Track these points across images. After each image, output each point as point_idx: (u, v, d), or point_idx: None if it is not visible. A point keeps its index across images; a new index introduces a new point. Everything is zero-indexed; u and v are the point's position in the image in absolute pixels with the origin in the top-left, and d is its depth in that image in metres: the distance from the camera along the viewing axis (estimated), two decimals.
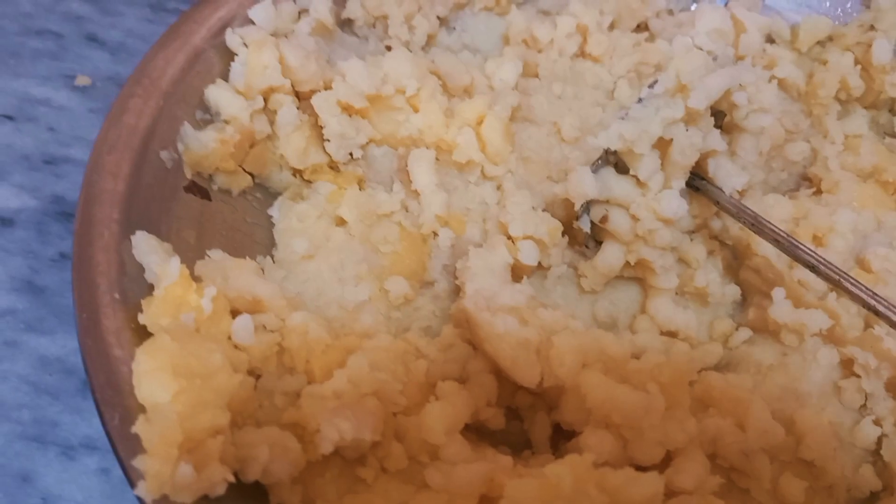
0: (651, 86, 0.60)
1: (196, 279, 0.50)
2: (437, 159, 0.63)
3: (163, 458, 0.38)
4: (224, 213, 0.60)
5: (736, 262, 0.64)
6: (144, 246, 0.49)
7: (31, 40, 0.82)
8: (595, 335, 0.54)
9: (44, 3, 0.85)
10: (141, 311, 0.46)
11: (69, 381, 0.62)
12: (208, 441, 0.40)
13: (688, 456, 0.49)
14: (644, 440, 0.49)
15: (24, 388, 0.61)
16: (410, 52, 0.71)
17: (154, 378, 0.41)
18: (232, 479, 0.40)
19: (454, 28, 0.75)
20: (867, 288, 0.54)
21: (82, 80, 0.79)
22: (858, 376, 0.57)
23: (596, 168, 0.60)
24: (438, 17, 0.73)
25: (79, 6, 0.85)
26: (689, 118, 0.58)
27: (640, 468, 0.49)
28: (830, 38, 0.76)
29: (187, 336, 0.44)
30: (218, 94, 0.60)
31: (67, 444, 0.59)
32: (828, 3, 0.80)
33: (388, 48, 0.71)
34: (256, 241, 0.61)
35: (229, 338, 0.47)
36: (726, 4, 0.79)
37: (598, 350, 0.52)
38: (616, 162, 0.60)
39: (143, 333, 0.45)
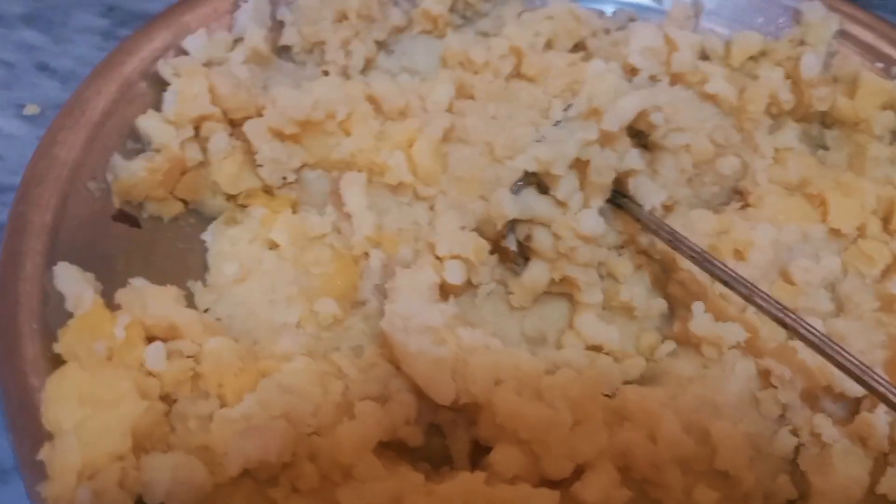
0: (566, 109, 0.61)
1: (115, 307, 0.52)
2: (369, 181, 0.65)
3: (63, 483, 0.40)
4: (154, 239, 0.61)
5: (664, 275, 0.66)
6: (65, 276, 0.51)
7: None
8: (510, 353, 0.55)
9: None
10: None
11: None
12: (108, 467, 0.41)
13: (597, 469, 0.51)
14: (552, 455, 0.50)
15: None
16: (349, 76, 0.73)
17: (60, 406, 0.43)
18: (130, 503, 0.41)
19: (393, 51, 0.77)
20: (776, 302, 0.55)
21: (31, 109, 0.80)
22: (775, 387, 0.59)
23: (517, 189, 0.62)
24: (377, 41, 0.75)
25: (32, 35, 0.87)
26: (604, 139, 0.60)
27: (552, 482, 0.50)
28: (763, 53, 0.78)
29: (97, 364, 0.46)
30: (148, 124, 0.62)
31: (1, 469, 0.59)
32: (761, 19, 0.81)
33: (326, 73, 0.73)
34: (189, 266, 0.62)
35: (142, 364, 0.49)
36: (662, 23, 0.80)
37: (513, 367, 0.54)
38: (538, 182, 0.62)
39: (59, 362, 0.47)
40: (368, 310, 0.63)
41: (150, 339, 0.51)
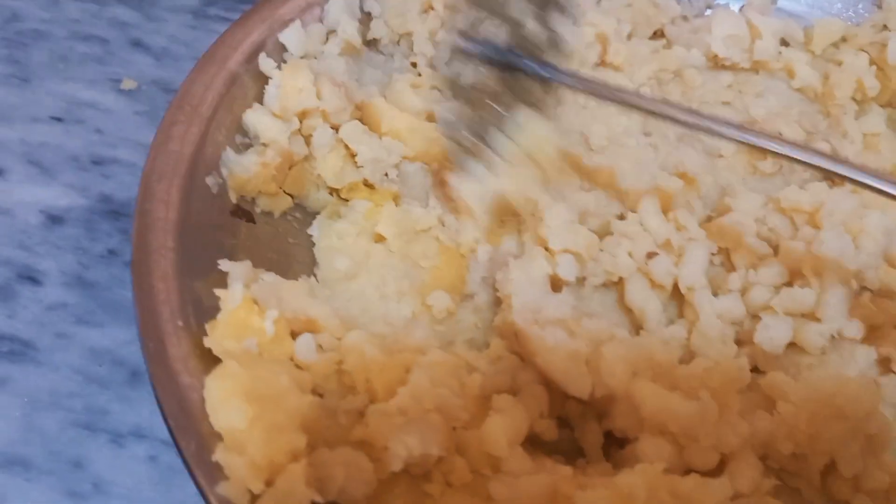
0: None
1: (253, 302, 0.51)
2: None
3: (247, 484, 0.39)
4: (268, 234, 0.61)
5: None
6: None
7: (78, 45, 0.85)
8: (642, 342, 0.55)
9: (90, 10, 0.88)
10: (205, 335, 0.47)
11: (118, 372, 0.64)
12: (290, 465, 0.40)
13: (742, 459, 0.50)
14: (699, 446, 0.49)
15: (76, 377, 0.63)
16: (435, 67, 0.73)
17: (227, 405, 0.42)
18: (320, 500, 0.41)
19: None
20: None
21: (128, 84, 0.82)
22: None
23: None
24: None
25: (124, 12, 0.89)
26: None
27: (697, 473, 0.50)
28: (844, 39, 0.78)
29: (253, 360, 0.45)
30: (256, 118, 0.61)
31: (117, 432, 0.61)
32: (839, 5, 0.81)
33: (414, 64, 0.72)
34: (299, 261, 0.62)
35: (291, 359, 0.48)
36: (741, 9, 0.80)
37: (647, 357, 0.53)
38: None
39: (209, 359, 0.46)
40: (477, 302, 0.62)
41: (292, 334, 0.50)
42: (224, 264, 0.52)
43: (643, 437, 0.50)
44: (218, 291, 0.49)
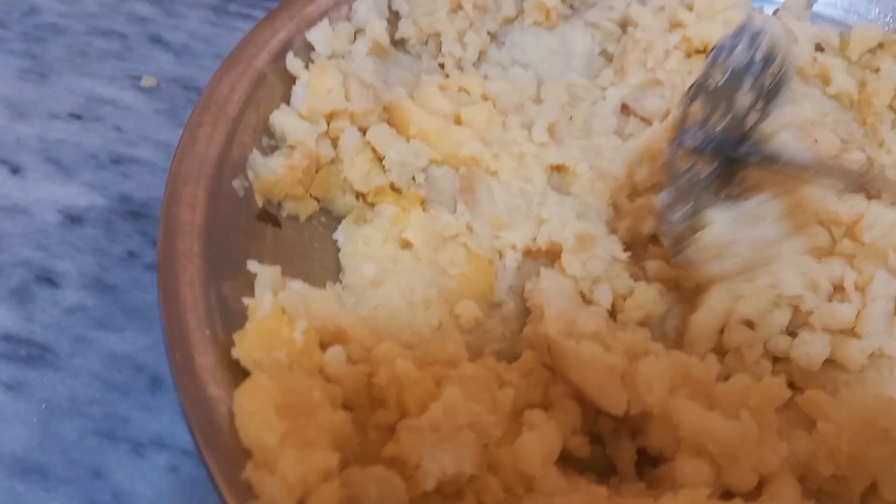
0: None
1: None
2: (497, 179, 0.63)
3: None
4: (294, 239, 0.59)
5: None
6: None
7: (97, 40, 0.84)
8: (679, 358, 0.53)
9: (109, 4, 0.87)
10: (232, 344, 0.46)
11: (138, 378, 0.62)
12: (323, 485, 0.39)
13: (781, 481, 0.49)
14: (738, 467, 0.48)
15: (95, 384, 0.61)
16: (463, 68, 0.71)
17: (258, 420, 0.40)
18: None
19: (503, 43, 0.75)
20: None
21: (148, 81, 0.81)
22: None
23: None
24: (489, 33, 0.73)
25: (143, 7, 0.88)
26: None
27: (733, 495, 0.48)
28: (881, 46, 0.76)
29: (283, 373, 0.44)
30: (283, 120, 0.60)
31: (137, 441, 0.59)
32: (877, 10, 0.79)
33: (441, 65, 0.71)
34: (324, 266, 0.60)
35: (320, 372, 0.47)
36: (775, 13, 0.78)
37: (684, 374, 0.52)
38: None
39: (236, 370, 0.45)
40: (505, 311, 0.61)
41: (321, 345, 0.48)
42: (253, 266, 0.50)
43: (680, 456, 0.49)
44: (246, 300, 0.47)
